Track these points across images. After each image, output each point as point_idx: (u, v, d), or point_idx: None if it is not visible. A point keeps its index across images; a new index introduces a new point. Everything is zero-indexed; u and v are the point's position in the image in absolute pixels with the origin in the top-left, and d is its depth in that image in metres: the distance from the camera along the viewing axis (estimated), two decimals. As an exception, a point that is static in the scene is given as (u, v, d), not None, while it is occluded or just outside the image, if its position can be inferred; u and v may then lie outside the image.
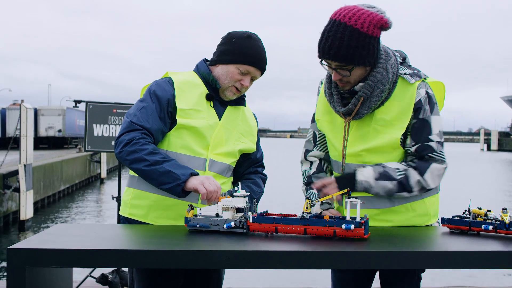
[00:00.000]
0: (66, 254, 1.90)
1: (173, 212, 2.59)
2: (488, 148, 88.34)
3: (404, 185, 2.43)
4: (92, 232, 2.31)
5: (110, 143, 6.04)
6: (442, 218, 2.43)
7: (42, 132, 37.94)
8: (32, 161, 15.69)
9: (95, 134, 6.00)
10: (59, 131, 38.36)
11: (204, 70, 2.71)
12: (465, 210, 2.40)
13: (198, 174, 2.44)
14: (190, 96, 2.63)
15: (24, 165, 14.64)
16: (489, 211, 2.36)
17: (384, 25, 2.34)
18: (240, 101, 2.79)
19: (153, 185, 2.48)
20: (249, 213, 2.27)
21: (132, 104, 6.18)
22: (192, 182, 2.38)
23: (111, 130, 6.04)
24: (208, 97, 2.67)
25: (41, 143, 37.24)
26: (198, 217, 2.30)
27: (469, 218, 2.37)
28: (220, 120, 2.69)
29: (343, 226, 2.12)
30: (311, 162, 2.72)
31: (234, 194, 2.32)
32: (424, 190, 2.48)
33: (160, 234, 2.34)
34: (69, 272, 2.38)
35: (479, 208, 2.38)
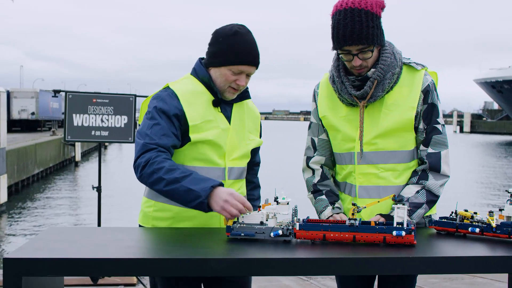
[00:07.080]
0: (62, 263, 1.91)
1: (196, 222, 2.55)
2: (461, 130, 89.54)
3: (432, 201, 2.55)
4: (86, 237, 2.31)
5: (90, 133, 5.98)
6: (430, 220, 2.48)
7: (15, 115, 37.38)
8: (6, 144, 15.49)
9: (75, 124, 5.93)
10: (32, 113, 37.83)
11: (203, 75, 2.62)
12: (452, 212, 2.45)
13: (221, 184, 2.36)
14: (198, 108, 2.56)
15: (-2, 150, 14.46)
16: (475, 213, 2.42)
17: (383, 5, 2.52)
18: (244, 94, 2.71)
19: (179, 203, 2.43)
20: (298, 218, 2.24)
21: (111, 94, 6.19)
22: (213, 207, 2.31)
23: (91, 119, 5.98)
24: (215, 103, 2.61)
25: (14, 126, 36.70)
26: (241, 225, 2.25)
27: (456, 220, 2.43)
28: (230, 123, 2.63)
29: (394, 232, 2.13)
30: (313, 170, 2.74)
31: (279, 201, 2.27)
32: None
33: (157, 238, 2.36)
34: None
35: (466, 210, 2.44)
